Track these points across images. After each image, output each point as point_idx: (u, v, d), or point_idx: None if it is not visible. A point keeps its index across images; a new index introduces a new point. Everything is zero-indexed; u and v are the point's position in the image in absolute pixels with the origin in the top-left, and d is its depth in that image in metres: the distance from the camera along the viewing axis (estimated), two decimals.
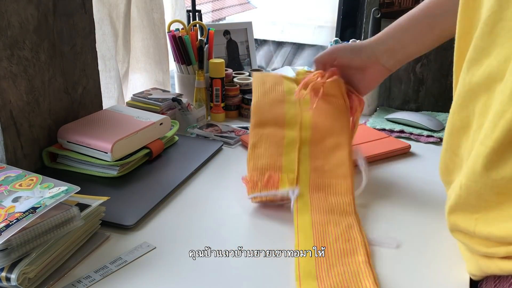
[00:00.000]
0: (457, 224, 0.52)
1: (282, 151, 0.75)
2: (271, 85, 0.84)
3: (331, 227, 0.64)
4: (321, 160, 0.75)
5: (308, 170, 0.74)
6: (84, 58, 0.88)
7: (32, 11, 0.74)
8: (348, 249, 0.60)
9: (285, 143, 0.76)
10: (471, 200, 0.48)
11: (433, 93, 1.22)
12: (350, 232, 0.63)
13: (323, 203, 0.69)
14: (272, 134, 0.77)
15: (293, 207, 0.68)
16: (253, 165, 0.74)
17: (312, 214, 0.66)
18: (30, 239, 0.52)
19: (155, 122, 0.87)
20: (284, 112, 0.80)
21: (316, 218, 0.66)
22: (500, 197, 0.45)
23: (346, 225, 0.65)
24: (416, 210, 0.73)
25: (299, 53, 1.83)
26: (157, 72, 1.19)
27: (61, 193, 0.57)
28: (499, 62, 0.44)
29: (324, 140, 0.78)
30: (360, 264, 0.57)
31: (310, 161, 0.75)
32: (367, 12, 1.21)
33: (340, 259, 0.58)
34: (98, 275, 0.56)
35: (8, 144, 0.72)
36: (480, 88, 0.47)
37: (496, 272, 0.48)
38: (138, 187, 0.76)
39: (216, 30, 1.21)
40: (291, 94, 0.83)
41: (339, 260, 0.58)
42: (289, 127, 0.78)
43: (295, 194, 0.69)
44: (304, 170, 0.74)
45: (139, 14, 1.12)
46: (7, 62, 0.70)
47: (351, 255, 0.59)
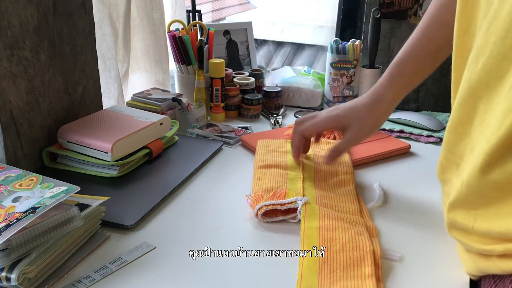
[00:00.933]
0: (456, 220, 0.51)
1: (287, 181, 0.75)
2: (274, 148, 0.88)
3: (339, 232, 0.61)
4: (326, 192, 0.74)
5: (314, 195, 0.72)
6: (84, 58, 0.88)
7: (32, 11, 0.74)
8: (355, 258, 0.57)
9: (289, 178, 0.76)
10: (472, 196, 0.48)
11: (433, 93, 1.22)
12: (358, 239, 0.60)
13: (331, 213, 0.66)
14: (275, 172, 0.78)
15: (301, 212, 0.65)
16: (258, 188, 0.73)
17: (320, 220, 0.63)
18: (30, 239, 0.52)
19: (155, 122, 0.87)
20: (286, 160, 0.83)
21: (323, 223, 0.63)
22: (501, 192, 0.45)
23: (356, 232, 0.61)
24: (416, 210, 0.73)
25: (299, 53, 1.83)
26: (157, 72, 1.19)
27: (61, 193, 0.57)
28: (495, 59, 0.44)
29: (328, 179, 0.78)
30: (366, 279, 0.54)
31: (314, 190, 0.74)
32: (367, 12, 1.21)
33: (345, 271, 0.55)
34: (98, 275, 0.56)
35: (8, 144, 0.72)
36: (479, 86, 0.47)
37: (497, 272, 0.48)
38: (138, 187, 0.76)
39: (216, 30, 1.21)
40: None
41: (344, 272, 0.55)
42: (292, 169, 0.80)
43: (303, 201, 0.66)
44: (310, 195, 0.72)
45: (139, 14, 1.12)
46: (7, 62, 0.70)
47: (357, 266, 0.56)
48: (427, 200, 0.75)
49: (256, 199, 0.69)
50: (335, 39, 1.15)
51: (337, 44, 1.14)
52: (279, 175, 0.76)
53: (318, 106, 1.22)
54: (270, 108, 1.17)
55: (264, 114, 1.15)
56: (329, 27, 1.53)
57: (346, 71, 1.15)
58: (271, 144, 0.90)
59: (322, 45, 1.72)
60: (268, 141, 0.91)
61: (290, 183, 0.74)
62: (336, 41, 1.15)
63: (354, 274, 0.55)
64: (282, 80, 1.23)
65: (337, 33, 1.39)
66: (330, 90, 1.18)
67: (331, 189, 0.75)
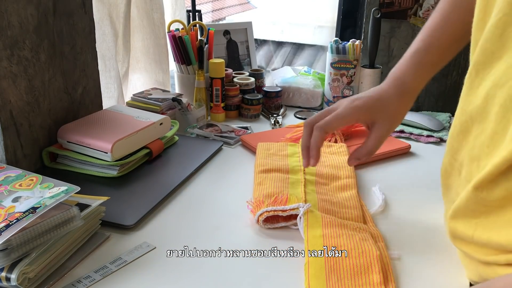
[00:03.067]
0: (456, 229, 0.51)
1: (288, 186, 0.74)
2: (275, 151, 0.87)
3: (344, 239, 0.60)
4: (328, 197, 0.73)
5: (316, 200, 0.71)
6: (84, 58, 0.88)
7: (32, 11, 0.73)
8: (362, 265, 0.55)
9: (290, 182, 0.76)
10: (473, 205, 0.47)
11: (433, 93, 1.22)
12: (364, 245, 0.58)
13: (334, 220, 0.64)
14: (276, 176, 0.77)
15: (303, 221, 0.63)
16: (258, 194, 0.72)
17: (324, 228, 0.62)
18: (30, 239, 0.52)
19: (155, 122, 0.87)
20: (287, 163, 0.82)
21: (327, 232, 0.61)
22: (503, 201, 0.44)
23: (360, 238, 0.60)
24: (416, 210, 0.73)
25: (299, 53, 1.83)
26: (157, 72, 1.19)
27: (61, 193, 0.57)
28: (507, 66, 0.43)
29: (330, 183, 0.78)
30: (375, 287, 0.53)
31: (316, 195, 0.73)
32: (367, 12, 1.21)
33: (353, 280, 0.54)
34: (98, 275, 0.56)
35: (8, 144, 0.72)
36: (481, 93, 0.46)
37: None
38: (138, 187, 0.76)
39: (216, 30, 1.21)
40: (294, 156, 0.86)
41: (352, 281, 0.54)
42: (293, 173, 0.79)
43: (305, 207, 0.64)
44: (312, 200, 0.71)
45: (139, 14, 1.12)
46: (7, 62, 0.70)
47: (365, 273, 0.54)
48: (427, 200, 0.75)
49: (257, 205, 0.68)
50: (335, 39, 1.15)
51: (337, 44, 1.14)
52: (280, 180, 0.76)
53: (318, 106, 1.22)
54: (270, 108, 1.17)
55: (264, 114, 1.15)
56: (329, 27, 1.53)
57: (346, 71, 1.15)
58: (271, 147, 0.89)
59: (322, 45, 1.72)
60: (268, 144, 0.90)
61: (291, 187, 0.73)
62: (336, 41, 1.15)
63: (362, 282, 0.53)
64: (282, 80, 1.23)
65: (337, 33, 1.39)
66: (330, 90, 1.18)
67: (333, 193, 0.74)
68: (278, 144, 0.90)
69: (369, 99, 0.67)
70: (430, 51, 0.66)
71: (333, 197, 0.73)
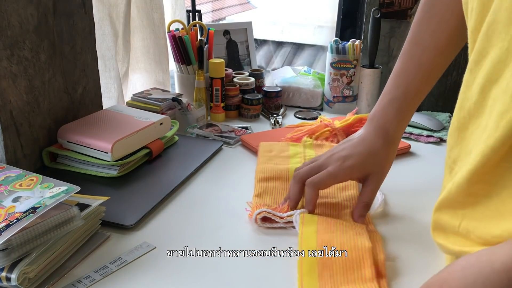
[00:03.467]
0: (441, 219, 0.51)
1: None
2: (276, 153, 0.87)
3: (338, 234, 0.60)
4: (328, 199, 0.73)
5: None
6: (84, 58, 0.88)
7: (32, 11, 0.74)
8: (354, 259, 0.56)
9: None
10: (460, 196, 0.47)
11: (433, 93, 1.22)
12: (357, 239, 0.59)
13: (330, 219, 0.64)
14: (276, 187, 0.76)
15: (298, 220, 0.64)
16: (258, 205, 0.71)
17: (319, 225, 0.62)
18: (30, 239, 0.52)
19: (155, 122, 0.87)
20: (288, 168, 0.81)
21: (321, 227, 0.62)
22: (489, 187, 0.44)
23: (354, 233, 0.60)
24: (416, 210, 0.73)
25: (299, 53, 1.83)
26: (157, 72, 1.19)
27: (61, 193, 0.57)
28: (492, 63, 0.44)
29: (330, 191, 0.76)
30: (367, 283, 0.53)
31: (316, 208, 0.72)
32: (367, 12, 1.21)
33: (345, 275, 0.54)
34: (98, 275, 0.56)
35: (8, 144, 0.72)
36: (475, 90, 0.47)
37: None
38: (138, 187, 0.76)
39: (216, 30, 1.21)
40: (296, 157, 0.85)
41: (344, 276, 0.54)
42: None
43: (302, 211, 0.65)
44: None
45: (139, 14, 1.12)
46: (7, 62, 0.70)
47: (357, 268, 0.55)
48: (427, 200, 0.75)
49: (256, 206, 0.68)
50: (335, 39, 1.15)
51: (337, 44, 1.14)
52: (280, 190, 0.75)
53: (318, 106, 1.22)
54: (270, 108, 1.17)
55: (264, 114, 1.15)
56: (329, 27, 1.53)
57: (346, 71, 1.15)
58: (274, 148, 0.88)
59: (322, 45, 1.72)
60: (270, 145, 0.89)
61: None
62: (336, 41, 1.15)
63: (354, 278, 0.54)
64: (282, 80, 1.23)
65: (337, 33, 1.39)
66: (330, 90, 1.18)
67: (333, 194, 0.74)
68: (280, 144, 0.90)
69: (360, 156, 0.67)
70: (408, 97, 0.68)
71: (333, 198, 0.73)
